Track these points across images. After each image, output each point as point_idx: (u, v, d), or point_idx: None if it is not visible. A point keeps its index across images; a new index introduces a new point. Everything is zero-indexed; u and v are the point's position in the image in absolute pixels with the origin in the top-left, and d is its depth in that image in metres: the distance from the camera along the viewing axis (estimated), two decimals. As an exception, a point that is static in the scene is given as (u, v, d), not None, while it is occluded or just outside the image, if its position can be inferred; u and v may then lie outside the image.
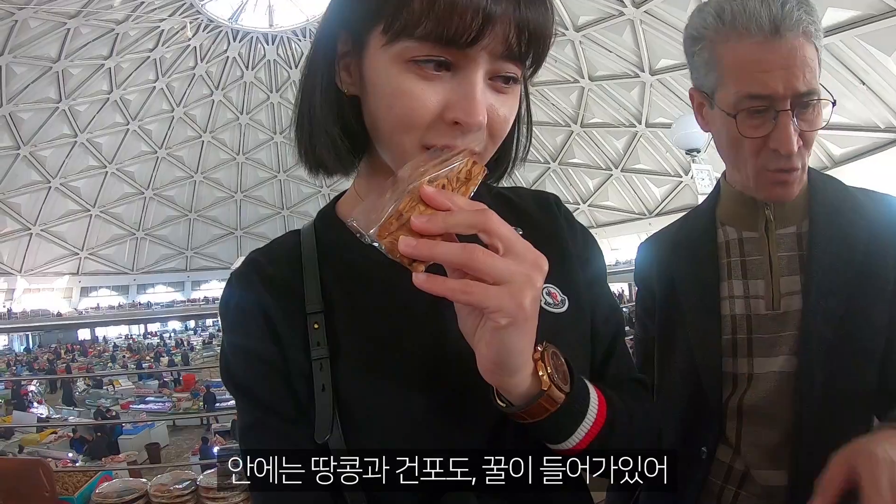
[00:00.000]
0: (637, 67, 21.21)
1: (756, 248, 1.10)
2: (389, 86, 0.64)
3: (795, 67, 0.93)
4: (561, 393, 0.64)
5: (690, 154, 10.09)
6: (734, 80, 0.99)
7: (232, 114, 30.51)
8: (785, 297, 1.05)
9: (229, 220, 33.47)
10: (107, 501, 2.87)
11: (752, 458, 1.07)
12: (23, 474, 2.74)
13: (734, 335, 1.09)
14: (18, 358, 24.55)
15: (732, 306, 1.10)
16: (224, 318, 0.77)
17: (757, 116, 0.97)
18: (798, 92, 0.94)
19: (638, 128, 23.38)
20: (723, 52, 1.00)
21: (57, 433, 11.10)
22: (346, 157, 0.73)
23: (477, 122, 0.63)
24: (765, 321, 1.06)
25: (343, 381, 0.70)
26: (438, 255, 0.55)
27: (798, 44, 0.93)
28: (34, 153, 26.00)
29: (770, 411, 1.04)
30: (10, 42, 21.88)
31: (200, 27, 25.92)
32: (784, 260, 1.07)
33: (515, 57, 0.64)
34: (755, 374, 1.06)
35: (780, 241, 1.08)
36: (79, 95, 25.56)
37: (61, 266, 30.30)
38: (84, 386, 16.63)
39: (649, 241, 1.32)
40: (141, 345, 26.90)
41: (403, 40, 0.61)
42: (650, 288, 1.25)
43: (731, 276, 1.11)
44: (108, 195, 29.81)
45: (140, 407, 14.74)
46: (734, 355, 1.08)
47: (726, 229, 1.14)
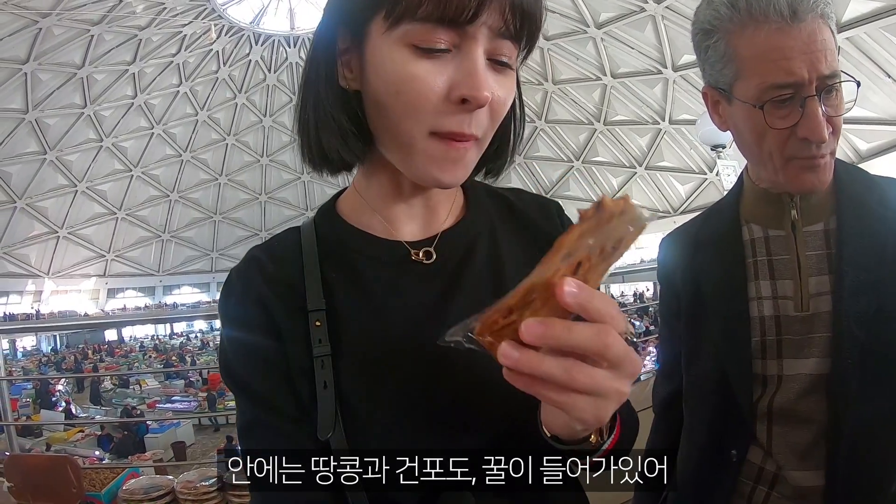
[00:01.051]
0: (659, 64, 21.10)
1: (783, 247, 1.08)
2: (395, 71, 0.65)
3: (817, 51, 0.91)
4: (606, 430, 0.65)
5: (716, 150, 10.00)
6: (755, 71, 0.96)
7: (255, 116, 30.72)
8: (814, 299, 1.04)
9: (254, 221, 33.65)
10: (134, 498, 2.88)
11: (783, 459, 1.06)
12: (51, 471, 2.76)
13: (763, 337, 1.07)
14: (46, 357, 24.95)
15: (761, 308, 1.08)
16: (224, 314, 0.77)
17: (783, 106, 0.95)
18: (822, 75, 0.92)
19: (661, 125, 23.21)
20: (739, 43, 0.97)
21: (84, 431, 11.28)
22: (354, 142, 0.73)
23: (484, 96, 0.64)
24: (794, 323, 1.05)
25: (344, 378, 0.70)
26: (541, 372, 0.50)
27: (817, 26, 0.92)
28: (60, 158, 26.39)
29: (801, 413, 1.03)
30: (35, 50, 22.23)
31: (223, 31, 26.17)
32: (812, 259, 1.05)
33: (511, 35, 0.66)
34: (784, 376, 1.05)
35: (808, 239, 1.06)
36: (103, 101, 25.90)
37: (88, 268, 30.73)
38: (111, 385, 16.86)
39: (670, 239, 1.29)
40: (167, 345, 27.18)
41: (405, 23, 0.63)
42: (674, 287, 1.23)
43: (758, 277, 1.09)
44: (134, 198, 30.15)
45: (166, 406, 14.94)
46: (763, 357, 1.07)
47: (751, 227, 1.12)
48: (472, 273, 0.78)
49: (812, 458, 1.03)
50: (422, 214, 0.80)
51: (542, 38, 18.80)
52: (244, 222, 33.57)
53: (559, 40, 22.30)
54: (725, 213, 1.18)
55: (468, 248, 0.80)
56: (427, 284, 0.76)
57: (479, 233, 0.82)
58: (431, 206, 0.81)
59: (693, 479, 1.17)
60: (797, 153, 0.98)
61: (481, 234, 0.82)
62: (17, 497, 2.79)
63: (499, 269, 0.79)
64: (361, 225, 0.79)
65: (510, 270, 0.79)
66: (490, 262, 0.80)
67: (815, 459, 1.03)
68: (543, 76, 24.25)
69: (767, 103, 0.95)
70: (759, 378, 1.07)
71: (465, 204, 0.85)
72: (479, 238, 0.81)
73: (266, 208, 33.47)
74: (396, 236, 0.78)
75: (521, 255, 0.82)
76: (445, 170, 0.68)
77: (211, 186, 32.04)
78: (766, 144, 1.00)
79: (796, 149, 0.97)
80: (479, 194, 0.86)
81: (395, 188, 0.78)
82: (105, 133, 26.98)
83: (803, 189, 1.03)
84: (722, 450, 1.11)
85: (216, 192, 32.33)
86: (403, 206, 0.79)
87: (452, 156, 0.67)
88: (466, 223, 0.82)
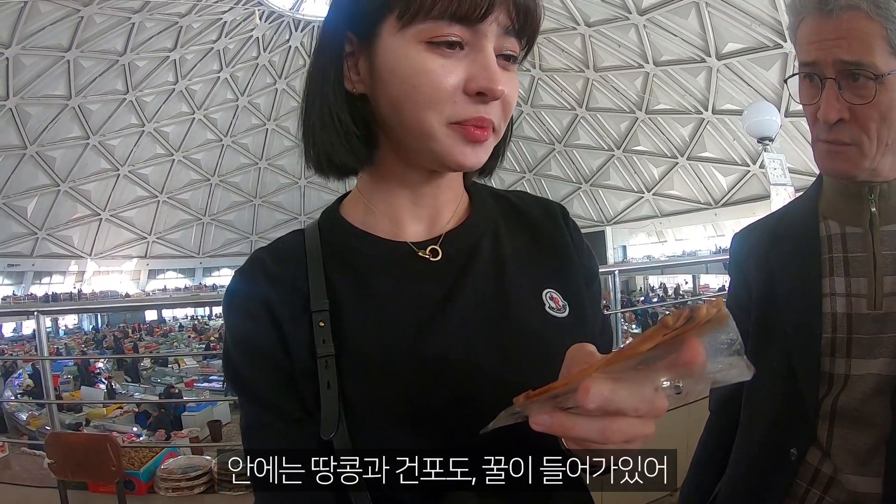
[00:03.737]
0: (703, 52, 20.84)
1: (860, 245, 1.06)
2: (411, 67, 0.66)
3: (842, 39, 0.93)
4: None
5: (762, 142, 9.75)
6: (798, 55, 1.03)
7: (295, 102, 30.82)
8: (888, 298, 1.02)
9: (293, 205, 34.15)
10: (172, 477, 2.91)
11: (842, 461, 1.04)
12: (91, 449, 2.80)
13: (834, 334, 1.05)
14: (87, 336, 25.68)
15: (834, 304, 1.06)
16: (228, 314, 0.78)
17: (812, 86, 1.00)
18: (840, 59, 0.94)
19: (704, 114, 22.91)
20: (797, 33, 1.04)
21: (122, 408, 11.58)
22: (357, 146, 0.74)
23: (499, 89, 0.66)
24: (866, 321, 1.03)
25: (348, 378, 0.70)
26: (574, 435, 0.52)
27: (847, 17, 0.93)
28: (103, 142, 27.11)
29: (864, 415, 1.01)
30: (77, 37, 22.85)
31: (263, 17, 26.42)
32: (889, 258, 1.03)
33: (517, 31, 0.68)
34: (851, 376, 1.03)
35: (885, 238, 1.04)
36: (145, 87, 26.50)
37: (130, 249, 31.56)
38: (150, 364, 17.26)
39: (745, 232, 1.29)
40: (206, 326, 27.75)
41: (418, 22, 0.65)
42: (745, 281, 1.22)
43: (833, 273, 1.08)
44: (175, 182, 30.84)
45: (203, 385, 15.22)
46: (832, 355, 1.05)
47: (829, 223, 1.11)
48: (475, 273, 0.78)
49: (871, 463, 1.01)
50: (427, 216, 0.81)
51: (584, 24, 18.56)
52: (283, 206, 34.11)
53: (601, 27, 22.09)
54: (803, 207, 1.17)
55: (472, 247, 0.81)
56: (431, 284, 0.76)
57: (484, 233, 0.83)
58: (437, 207, 0.82)
59: (747, 477, 1.16)
60: (819, 135, 1.02)
61: (485, 234, 0.83)
62: (56, 473, 2.83)
63: (502, 269, 0.80)
64: (366, 227, 0.80)
65: (513, 271, 0.80)
66: (493, 262, 0.80)
67: (875, 465, 1.00)
68: (585, 63, 24.05)
69: (795, 78, 1.03)
70: (826, 376, 1.05)
71: (470, 205, 0.86)
72: (483, 238, 0.82)
73: (305, 192, 33.91)
74: (401, 237, 0.79)
75: (525, 255, 0.83)
76: (467, 153, 0.69)
77: (251, 171, 32.59)
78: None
79: (819, 130, 1.01)
80: (483, 196, 0.88)
81: (401, 190, 0.79)
82: (147, 118, 27.62)
83: (827, 173, 1.07)
84: (781, 448, 1.09)
85: (256, 176, 32.86)
86: (409, 208, 0.80)
87: (473, 140, 0.68)
88: (471, 224, 0.83)
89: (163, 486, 2.89)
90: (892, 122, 0.96)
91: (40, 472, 3.03)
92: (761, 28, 18.93)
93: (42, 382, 4.06)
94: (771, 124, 9.27)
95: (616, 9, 21.33)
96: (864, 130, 0.96)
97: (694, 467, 1.32)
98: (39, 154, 25.73)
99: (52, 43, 22.52)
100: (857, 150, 0.98)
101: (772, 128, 9.34)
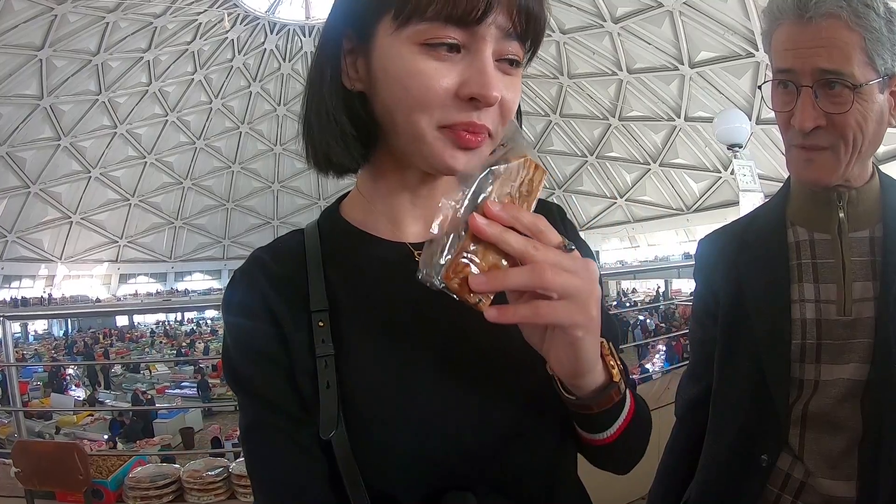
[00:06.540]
0: (676, 60, 21.08)
1: (828, 251, 1.07)
2: (404, 68, 0.65)
3: (820, 47, 0.94)
4: (624, 384, 0.70)
5: (732, 149, 9.93)
6: (773, 61, 1.04)
7: (269, 105, 30.94)
8: (857, 304, 1.03)
9: (266, 209, 33.91)
10: (140, 486, 2.86)
11: (814, 465, 1.05)
12: (58, 458, 2.76)
13: (803, 340, 1.06)
14: (57, 341, 25.17)
15: (803, 310, 1.07)
16: (227, 314, 0.77)
17: (786, 92, 1.00)
18: (818, 68, 0.95)
19: (677, 122, 23.18)
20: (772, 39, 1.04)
21: (93, 415, 11.38)
22: (354, 146, 0.74)
23: (493, 95, 0.64)
24: (835, 327, 1.04)
25: (347, 378, 0.70)
26: (511, 284, 0.58)
27: (826, 26, 0.94)
28: (75, 144, 26.67)
29: (835, 419, 1.03)
30: (51, 36, 22.47)
31: (238, 20, 26.22)
32: (857, 265, 1.05)
33: (518, 35, 0.66)
34: (822, 381, 1.04)
35: (853, 244, 1.06)
36: (118, 88, 26.16)
37: (101, 253, 31.07)
38: (121, 370, 17.01)
39: (713, 237, 1.28)
40: (178, 331, 27.38)
41: (414, 23, 0.63)
42: (712, 287, 1.22)
43: (801, 279, 1.09)
44: (148, 185, 30.44)
45: (175, 392, 15.03)
46: (802, 360, 1.06)
47: (797, 229, 1.12)
48: None
49: (843, 466, 1.02)
50: (426, 216, 0.80)
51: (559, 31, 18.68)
52: (257, 210, 33.85)
53: (575, 34, 22.25)
54: (771, 214, 1.17)
55: None
56: None
57: None
58: (435, 207, 0.79)
59: (717, 483, 1.17)
60: (792, 140, 1.02)
61: None
62: (24, 482, 2.78)
63: None
64: (366, 227, 0.79)
65: None
66: None
67: (846, 468, 1.02)
68: (559, 70, 24.19)
69: (776, 86, 1.03)
70: (796, 382, 1.06)
71: None
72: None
73: (279, 197, 33.68)
74: (400, 237, 0.78)
75: None
76: (457, 157, 0.67)
77: (224, 174, 32.29)
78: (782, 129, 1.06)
79: (792, 136, 1.01)
80: None
81: (401, 190, 0.78)
82: (119, 120, 27.23)
83: (801, 179, 1.07)
84: (752, 454, 1.10)
85: (229, 180, 32.58)
86: (408, 208, 0.79)
87: (464, 145, 0.67)
88: None
89: (131, 494, 2.86)
90: (867, 132, 0.97)
91: (7, 482, 2.97)
92: (734, 37, 19.20)
93: (8, 389, 3.98)
94: (741, 131, 9.39)
95: (591, 17, 21.49)
96: (841, 136, 0.97)
97: (661, 473, 1.33)
98: (10, 155, 25.27)
99: (24, 41, 22.11)
100: (833, 155, 0.99)
101: (742, 135, 9.46)
